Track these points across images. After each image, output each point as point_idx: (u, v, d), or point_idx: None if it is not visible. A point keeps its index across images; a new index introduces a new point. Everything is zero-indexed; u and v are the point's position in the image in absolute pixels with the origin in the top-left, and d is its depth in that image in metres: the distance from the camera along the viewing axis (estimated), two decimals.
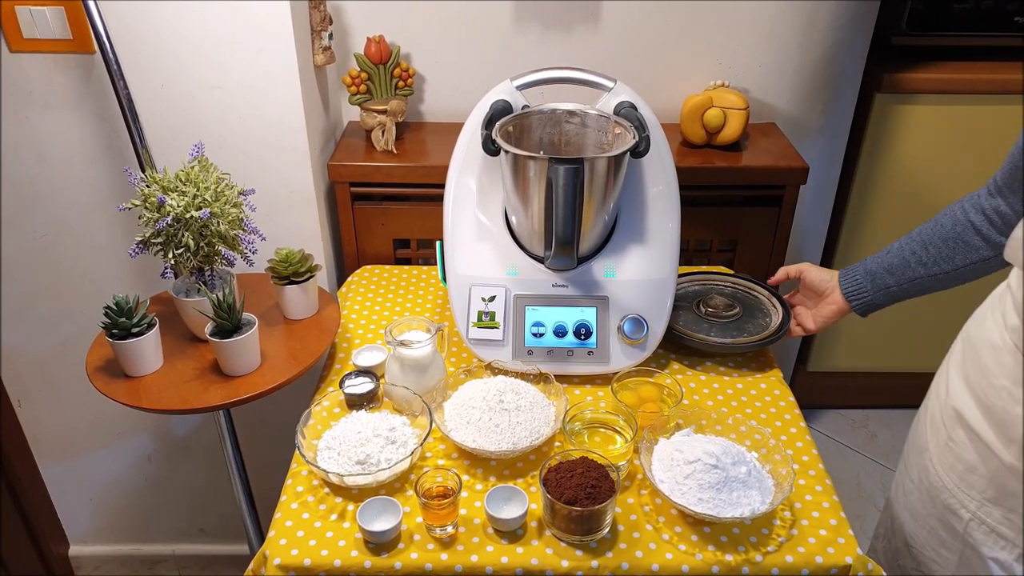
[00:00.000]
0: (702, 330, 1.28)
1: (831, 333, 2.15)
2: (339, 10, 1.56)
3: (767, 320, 1.32)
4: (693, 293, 1.38)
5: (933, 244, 1.10)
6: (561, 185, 1.07)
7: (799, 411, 1.19)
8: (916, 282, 1.13)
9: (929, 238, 1.11)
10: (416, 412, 1.11)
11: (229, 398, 1.14)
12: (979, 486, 0.97)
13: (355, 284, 1.50)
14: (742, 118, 1.56)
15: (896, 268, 1.15)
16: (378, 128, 1.56)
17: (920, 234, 1.13)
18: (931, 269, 1.11)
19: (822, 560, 0.94)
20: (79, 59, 1.32)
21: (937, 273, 1.11)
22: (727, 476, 0.97)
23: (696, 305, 1.33)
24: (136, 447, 1.78)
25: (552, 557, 0.94)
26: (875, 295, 1.18)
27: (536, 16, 1.58)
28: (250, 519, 1.48)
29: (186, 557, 1.97)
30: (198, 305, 1.20)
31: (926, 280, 1.12)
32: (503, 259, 1.24)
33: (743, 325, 1.30)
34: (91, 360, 1.20)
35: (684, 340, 1.26)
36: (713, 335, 1.27)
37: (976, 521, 0.98)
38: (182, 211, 1.12)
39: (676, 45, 1.62)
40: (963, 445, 0.99)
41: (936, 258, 1.10)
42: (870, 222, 1.97)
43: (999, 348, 0.93)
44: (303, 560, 0.94)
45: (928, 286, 1.13)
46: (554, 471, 0.97)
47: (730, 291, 1.40)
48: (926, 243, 1.11)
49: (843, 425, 2.31)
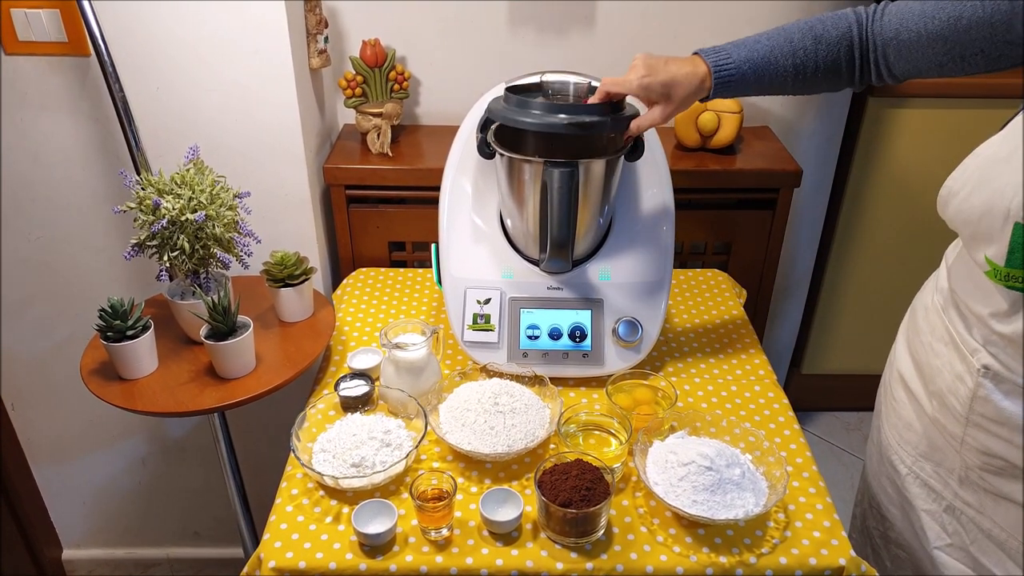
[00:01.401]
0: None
1: (826, 336, 2.16)
2: (335, 13, 1.57)
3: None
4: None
5: (808, 64, 1.02)
6: (556, 188, 1.08)
7: (793, 413, 1.19)
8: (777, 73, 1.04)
9: (806, 53, 1.02)
10: (411, 415, 1.11)
11: (224, 401, 1.14)
12: (913, 441, 1.04)
13: (350, 287, 1.50)
14: (736, 121, 1.57)
15: (762, 65, 1.03)
16: (373, 131, 1.56)
17: (797, 39, 1.02)
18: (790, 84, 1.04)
19: (816, 562, 0.95)
20: (74, 61, 1.32)
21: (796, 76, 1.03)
22: (721, 478, 0.98)
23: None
24: (130, 450, 1.77)
25: (547, 559, 0.94)
26: (739, 65, 1.04)
27: (531, 19, 1.58)
28: (244, 522, 1.48)
29: (180, 560, 1.96)
30: (193, 308, 1.20)
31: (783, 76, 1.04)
32: (498, 262, 1.25)
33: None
34: (85, 363, 1.20)
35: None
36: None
37: (912, 475, 1.05)
38: (177, 214, 1.12)
39: (671, 48, 1.61)
40: (903, 403, 1.07)
41: (802, 74, 1.02)
42: (864, 225, 1.98)
43: (929, 309, 1.01)
44: (298, 563, 0.94)
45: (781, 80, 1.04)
46: (549, 473, 0.98)
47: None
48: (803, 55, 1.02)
49: (837, 427, 2.32)
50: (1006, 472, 0.91)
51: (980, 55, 0.89)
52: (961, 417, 0.94)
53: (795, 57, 1.01)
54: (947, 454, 0.99)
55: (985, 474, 0.94)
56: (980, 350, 0.90)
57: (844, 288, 2.09)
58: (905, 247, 2.00)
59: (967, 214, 0.85)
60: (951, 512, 1.00)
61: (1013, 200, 0.78)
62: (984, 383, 0.89)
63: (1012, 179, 0.78)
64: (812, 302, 2.12)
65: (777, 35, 1.03)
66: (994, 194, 0.80)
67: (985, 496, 0.95)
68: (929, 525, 1.03)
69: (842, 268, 2.06)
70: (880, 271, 2.05)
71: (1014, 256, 0.80)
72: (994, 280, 0.84)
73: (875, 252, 2.02)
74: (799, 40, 1.01)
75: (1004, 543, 0.94)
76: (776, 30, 1.03)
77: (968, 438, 0.94)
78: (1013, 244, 0.79)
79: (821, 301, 2.11)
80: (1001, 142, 0.83)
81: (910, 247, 2.00)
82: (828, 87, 1.05)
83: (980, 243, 0.85)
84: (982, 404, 0.90)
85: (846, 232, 2.00)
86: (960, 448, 0.96)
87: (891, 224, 1.97)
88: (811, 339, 2.17)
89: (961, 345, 0.93)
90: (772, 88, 1.05)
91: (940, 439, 0.99)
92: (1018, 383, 0.86)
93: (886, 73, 1.00)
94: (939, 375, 0.97)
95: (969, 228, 0.86)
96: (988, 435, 0.91)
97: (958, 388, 0.94)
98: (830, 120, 1.78)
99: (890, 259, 2.03)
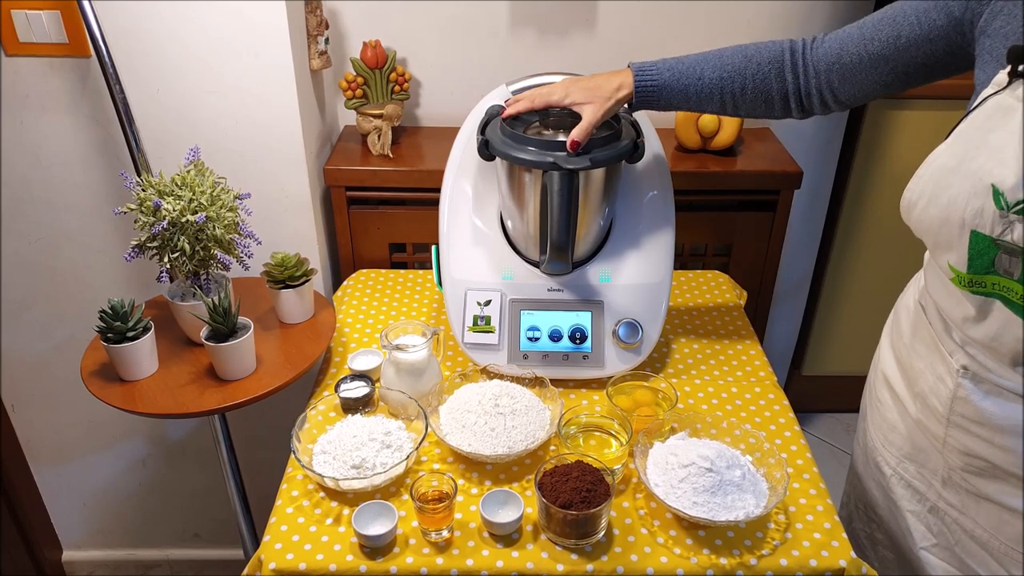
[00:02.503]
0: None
1: (826, 337, 2.16)
2: (335, 14, 1.57)
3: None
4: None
5: (739, 85, 1.05)
6: (556, 190, 1.08)
7: (793, 415, 1.19)
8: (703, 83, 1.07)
9: (735, 71, 1.05)
10: (411, 416, 1.11)
11: (225, 402, 1.14)
12: (898, 443, 1.05)
13: (351, 288, 1.50)
14: (737, 123, 1.57)
15: (685, 79, 1.07)
16: (374, 132, 1.56)
17: (727, 62, 1.06)
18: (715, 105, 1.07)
19: (816, 563, 0.94)
20: (75, 63, 1.32)
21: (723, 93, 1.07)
22: (722, 480, 0.98)
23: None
24: (131, 451, 1.77)
25: (547, 561, 0.94)
26: (662, 74, 1.08)
27: (532, 21, 1.58)
28: (245, 523, 1.48)
29: (181, 562, 1.96)
30: (194, 309, 1.20)
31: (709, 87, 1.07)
32: (499, 263, 1.25)
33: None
34: (86, 364, 1.20)
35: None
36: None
37: (896, 477, 1.06)
38: (178, 215, 1.12)
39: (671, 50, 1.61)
40: (887, 405, 1.08)
41: (728, 95, 1.06)
42: (864, 226, 1.98)
43: (911, 310, 1.02)
44: (298, 564, 0.94)
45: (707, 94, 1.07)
46: (549, 475, 0.98)
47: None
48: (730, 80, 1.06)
49: (837, 428, 2.32)
50: (987, 473, 0.92)
51: (923, 68, 0.94)
52: (943, 418, 0.94)
53: (723, 70, 1.05)
54: (930, 455, 0.99)
55: (967, 475, 0.94)
56: (958, 351, 0.91)
57: (844, 289, 2.09)
58: (905, 249, 1.99)
59: (927, 224, 0.86)
60: (935, 513, 1.01)
61: (966, 210, 0.80)
62: (963, 383, 0.90)
63: (962, 188, 0.80)
64: (812, 303, 2.12)
65: (710, 53, 1.07)
66: (949, 204, 0.82)
67: (967, 497, 0.96)
68: (915, 526, 1.04)
69: (842, 269, 2.06)
70: (880, 273, 2.05)
71: (974, 263, 0.82)
72: (959, 286, 0.86)
73: (875, 254, 2.03)
74: (728, 57, 1.06)
75: (987, 543, 0.95)
76: (713, 51, 1.08)
77: (950, 439, 0.94)
78: (972, 252, 0.81)
79: (821, 302, 2.11)
80: (948, 152, 0.84)
81: (910, 249, 1.98)
82: (763, 110, 1.08)
83: (942, 251, 0.86)
84: (962, 405, 0.91)
85: (846, 233, 2.00)
86: (942, 449, 0.96)
87: (891, 226, 1.97)
88: (811, 340, 2.17)
89: (940, 346, 0.94)
90: (701, 102, 1.08)
91: (923, 440, 1.00)
92: (996, 383, 0.87)
93: (831, 100, 1.04)
94: (921, 376, 0.98)
95: (930, 237, 0.87)
96: (969, 436, 0.92)
97: (939, 389, 0.94)
98: (830, 122, 1.78)
99: (890, 261, 2.03)
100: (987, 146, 0.79)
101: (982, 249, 0.80)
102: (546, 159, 1.08)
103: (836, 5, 1.61)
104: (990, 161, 0.78)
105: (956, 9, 0.87)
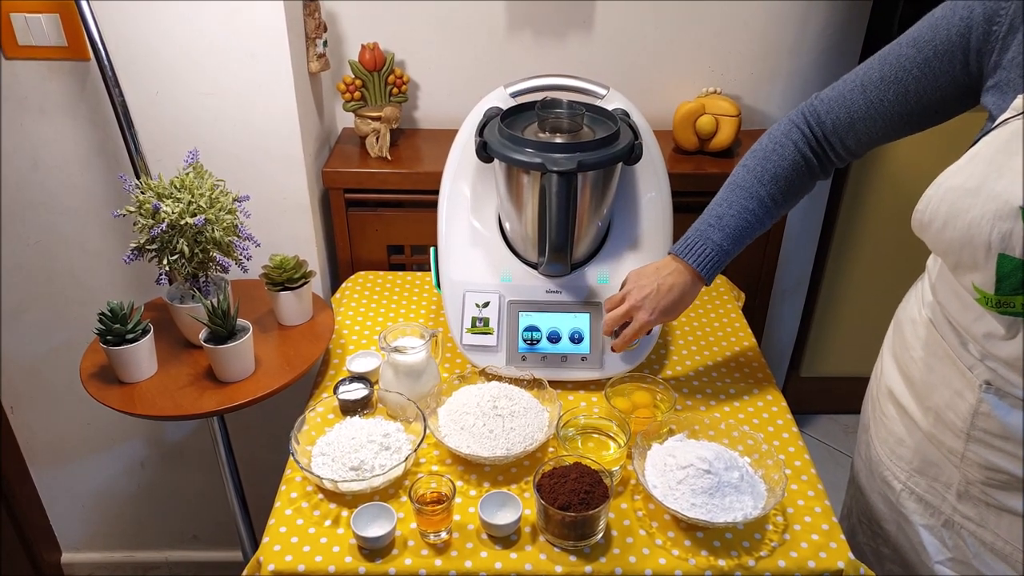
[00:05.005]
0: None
1: (824, 338, 2.16)
2: (334, 17, 1.57)
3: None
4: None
5: (775, 199, 1.07)
6: (555, 192, 1.08)
7: (791, 416, 1.19)
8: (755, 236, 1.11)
9: (770, 193, 1.07)
10: (410, 418, 1.11)
11: (223, 404, 1.14)
12: (907, 457, 1.04)
13: (349, 290, 1.50)
14: (734, 124, 1.57)
15: (739, 234, 1.09)
16: (372, 134, 1.57)
17: (756, 189, 1.07)
18: (770, 222, 1.10)
19: (814, 565, 0.95)
20: (74, 66, 1.32)
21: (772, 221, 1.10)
22: (720, 481, 0.98)
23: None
24: (129, 453, 1.77)
25: (546, 563, 0.94)
26: (720, 258, 1.09)
27: (529, 23, 1.58)
28: (244, 525, 1.48)
29: (179, 564, 1.96)
30: (192, 311, 1.20)
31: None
32: (497, 265, 1.25)
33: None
34: (85, 366, 1.20)
35: None
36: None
37: (906, 491, 1.04)
38: (177, 217, 1.12)
39: (668, 52, 1.63)
40: (893, 419, 1.06)
41: (775, 212, 1.09)
42: (862, 228, 1.99)
43: (916, 322, 1.01)
44: (297, 566, 0.94)
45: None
46: (548, 477, 0.98)
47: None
48: (769, 199, 1.07)
49: (835, 430, 2.32)
50: (1010, 486, 0.90)
51: (937, 113, 0.95)
52: (961, 432, 0.92)
53: (763, 204, 1.07)
54: (944, 469, 0.98)
55: (988, 488, 0.93)
56: (979, 365, 0.89)
57: (843, 291, 2.09)
58: (903, 250, 2.00)
59: (946, 245, 0.85)
60: (950, 527, 0.99)
61: (992, 233, 0.79)
62: (987, 399, 0.88)
63: (985, 210, 0.79)
64: (811, 305, 2.12)
65: (736, 195, 1.08)
66: (971, 227, 0.80)
67: (987, 510, 0.94)
68: (928, 540, 1.02)
69: (840, 271, 2.06)
70: (879, 274, 2.05)
71: (1002, 285, 0.80)
72: (985, 307, 0.84)
73: (874, 255, 2.03)
74: (756, 188, 1.07)
75: (1009, 555, 0.93)
76: (731, 188, 1.08)
77: (970, 453, 0.92)
78: (1001, 274, 0.80)
79: (820, 304, 2.11)
80: (964, 173, 0.83)
81: (908, 250, 1.99)
82: (801, 197, 1.11)
83: (965, 271, 0.85)
84: (984, 420, 0.89)
85: (844, 235, 2.00)
86: (960, 463, 0.94)
87: (889, 227, 1.97)
88: (809, 342, 2.18)
89: (958, 360, 0.92)
90: (757, 236, 1.10)
91: (936, 454, 0.98)
92: (1020, 397, 0.85)
93: (846, 155, 1.05)
94: (935, 391, 0.96)
95: (951, 258, 0.86)
96: (991, 450, 0.90)
97: (957, 404, 0.92)
98: None
99: (889, 262, 2.03)
100: (1010, 169, 0.78)
101: (1010, 271, 0.79)
102: (544, 161, 1.08)
103: (830, 9, 1.61)
104: (1014, 184, 0.77)
105: (959, 56, 0.88)
